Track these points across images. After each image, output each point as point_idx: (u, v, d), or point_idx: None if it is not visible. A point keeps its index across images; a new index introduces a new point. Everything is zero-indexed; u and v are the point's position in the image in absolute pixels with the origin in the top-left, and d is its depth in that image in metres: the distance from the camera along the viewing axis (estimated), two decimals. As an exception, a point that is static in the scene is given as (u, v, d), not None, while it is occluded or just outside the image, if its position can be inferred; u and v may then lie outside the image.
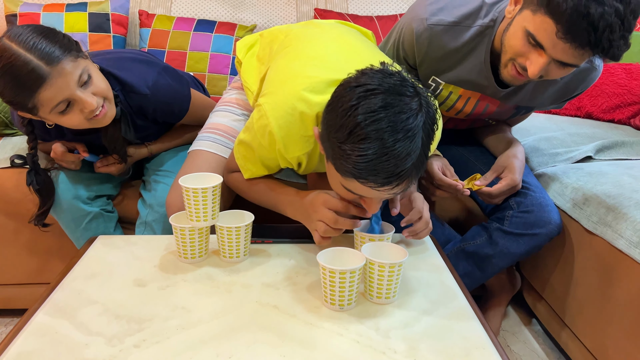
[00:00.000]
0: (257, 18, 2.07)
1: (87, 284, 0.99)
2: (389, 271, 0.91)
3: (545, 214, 1.30)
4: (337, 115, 0.85)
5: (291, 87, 1.04)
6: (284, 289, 0.98)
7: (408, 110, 0.82)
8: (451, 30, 1.23)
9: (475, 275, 1.38)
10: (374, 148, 0.81)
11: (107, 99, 1.19)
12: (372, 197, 0.92)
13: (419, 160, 0.85)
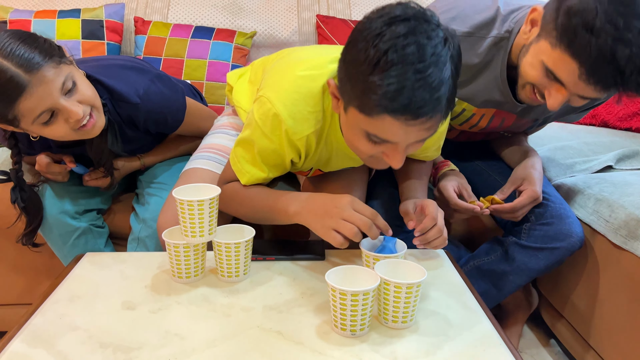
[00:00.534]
0: (257, 25, 2.00)
1: (71, 307, 0.89)
2: (407, 292, 0.81)
3: (566, 225, 1.20)
4: (361, 49, 0.79)
5: (290, 71, 1.01)
6: (288, 313, 0.88)
7: (435, 37, 0.78)
8: (465, 41, 1.13)
9: (491, 294, 1.29)
10: (406, 74, 0.76)
11: (95, 107, 1.10)
12: (399, 140, 0.84)
13: (451, 93, 0.81)
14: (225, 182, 1.11)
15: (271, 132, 0.99)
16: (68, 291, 0.94)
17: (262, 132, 1.00)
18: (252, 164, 1.06)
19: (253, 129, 1.01)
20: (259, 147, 1.02)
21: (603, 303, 1.23)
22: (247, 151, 1.05)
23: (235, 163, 1.07)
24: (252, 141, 1.03)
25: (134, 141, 1.28)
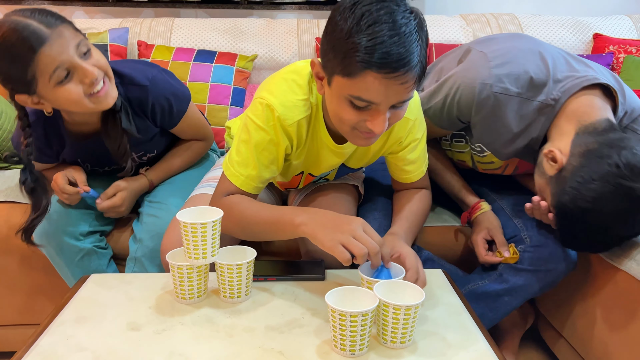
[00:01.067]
0: (258, 48, 2.04)
1: (77, 328, 0.91)
2: (405, 314, 0.83)
3: (559, 248, 1.22)
4: (338, 21, 0.88)
5: (277, 75, 1.10)
6: (289, 333, 0.90)
7: (403, 5, 0.88)
8: (513, 100, 1.17)
9: (486, 316, 1.30)
10: (381, 31, 0.85)
11: (108, 76, 1.16)
12: (381, 100, 0.90)
13: (422, 55, 0.89)
14: (221, 194, 1.11)
15: (265, 123, 1.05)
16: (74, 312, 0.96)
17: (256, 126, 1.06)
18: (244, 165, 1.08)
19: (248, 127, 1.07)
20: (255, 141, 1.06)
21: (600, 322, 1.25)
22: (239, 153, 1.08)
23: (227, 168, 1.10)
24: (245, 141, 1.07)
25: (142, 132, 1.30)
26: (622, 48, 2.07)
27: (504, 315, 1.31)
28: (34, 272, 1.45)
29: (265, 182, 1.12)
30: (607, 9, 2.44)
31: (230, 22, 2.10)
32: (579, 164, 1.07)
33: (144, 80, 1.25)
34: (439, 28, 2.13)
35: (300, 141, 1.11)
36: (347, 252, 0.91)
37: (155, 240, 1.29)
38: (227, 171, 1.10)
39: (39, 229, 1.27)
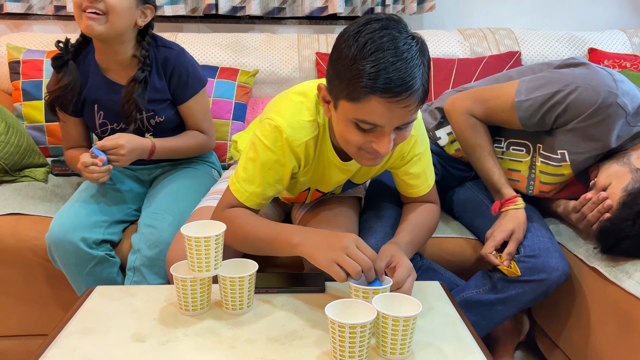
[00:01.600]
0: (259, 63, 2.08)
1: (83, 340, 0.94)
2: (404, 325, 0.86)
3: (552, 259, 1.24)
4: (343, 48, 0.93)
5: (284, 95, 1.14)
6: (289, 344, 0.93)
7: (405, 32, 0.93)
8: (623, 119, 1.22)
9: (480, 325, 1.32)
10: (384, 57, 0.89)
11: (107, 17, 1.33)
12: (385, 123, 0.94)
13: (424, 78, 0.93)
14: (224, 207, 1.14)
15: (273, 144, 1.08)
16: (80, 324, 0.99)
17: (264, 146, 1.08)
18: (249, 182, 1.11)
19: (256, 146, 1.10)
20: (262, 160, 1.09)
21: (594, 333, 1.27)
22: (245, 170, 1.11)
23: (233, 183, 1.13)
24: (252, 159, 1.10)
25: (155, 92, 1.45)
26: (616, 62, 2.10)
27: (498, 323, 1.33)
28: (41, 283, 1.47)
29: (268, 199, 1.15)
30: (602, 24, 2.48)
31: (232, 37, 2.14)
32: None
33: (175, 46, 1.48)
34: (437, 43, 2.17)
35: (308, 160, 1.14)
36: (342, 272, 0.94)
37: (152, 249, 1.33)
38: (233, 186, 1.13)
39: (55, 236, 1.32)
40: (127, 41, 1.42)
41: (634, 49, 2.24)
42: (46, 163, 1.77)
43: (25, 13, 2.22)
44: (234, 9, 2.24)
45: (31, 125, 1.88)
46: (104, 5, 1.32)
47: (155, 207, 1.42)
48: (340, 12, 2.25)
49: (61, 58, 1.44)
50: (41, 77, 1.88)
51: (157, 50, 1.45)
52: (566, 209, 1.37)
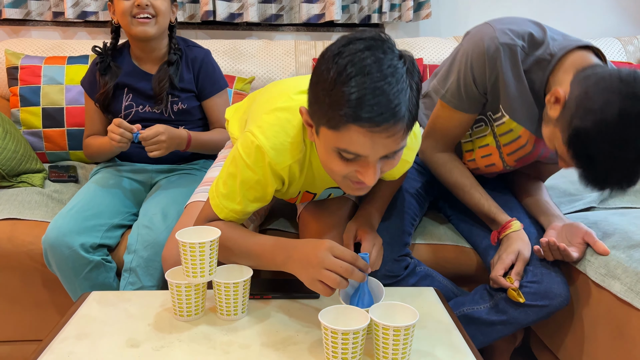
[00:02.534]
0: (256, 69, 2.09)
1: (78, 346, 0.94)
2: (405, 334, 0.86)
3: (555, 284, 1.23)
4: (324, 70, 0.85)
5: (268, 107, 1.06)
6: (284, 350, 0.93)
7: (390, 52, 0.85)
8: (518, 53, 1.21)
9: (477, 339, 1.31)
10: (365, 82, 0.81)
11: (157, 19, 1.50)
12: (368, 153, 0.87)
13: (411, 104, 0.85)
14: (204, 220, 1.12)
15: (254, 164, 1.02)
16: (75, 329, 0.99)
17: (245, 164, 1.03)
18: (229, 198, 1.07)
19: (237, 162, 1.04)
20: (242, 178, 1.04)
21: (588, 339, 1.27)
22: (225, 185, 1.07)
23: (213, 198, 1.09)
24: (233, 175, 1.05)
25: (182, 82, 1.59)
26: (611, 70, 2.12)
27: (495, 340, 1.33)
28: (36, 288, 1.48)
29: (249, 214, 1.12)
30: (597, 32, 2.49)
31: (229, 43, 2.15)
32: (581, 90, 1.07)
33: (204, 48, 1.66)
34: (433, 50, 2.18)
35: (293, 179, 1.10)
36: (326, 287, 0.93)
37: (149, 250, 1.34)
38: (212, 201, 1.09)
39: (51, 240, 1.33)
40: (165, 37, 1.60)
41: (628, 57, 2.26)
42: (43, 169, 1.77)
43: (24, 19, 2.23)
44: (232, 15, 2.25)
45: (28, 131, 1.89)
46: (153, 9, 1.49)
47: (153, 208, 1.44)
48: (337, 19, 2.26)
49: (103, 62, 1.59)
50: (39, 83, 1.89)
51: (187, 48, 1.63)
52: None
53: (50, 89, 1.89)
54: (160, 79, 1.56)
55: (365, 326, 0.85)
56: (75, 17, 2.18)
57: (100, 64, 1.59)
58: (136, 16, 1.47)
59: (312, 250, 0.96)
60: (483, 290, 1.34)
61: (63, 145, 1.90)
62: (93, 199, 1.46)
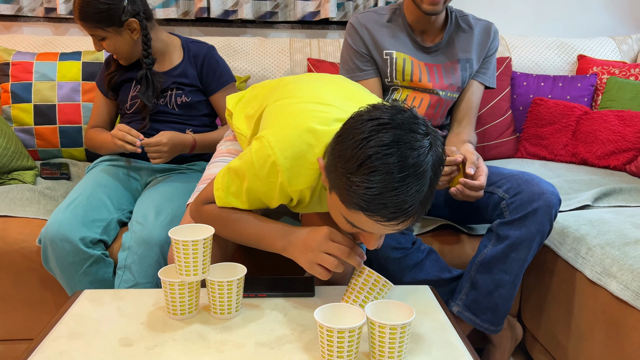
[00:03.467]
0: (251, 67, 2.08)
1: (70, 344, 0.93)
2: (401, 332, 0.85)
3: (535, 186, 1.28)
4: (348, 147, 0.84)
5: (296, 121, 1.01)
6: (279, 349, 0.92)
7: (419, 147, 0.82)
8: (373, 13, 1.58)
9: (505, 281, 1.31)
10: (384, 182, 0.80)
11: (118, 56, 1.58)
12: (374, 232, 0.90)
13: (426, 198, 0.85)
14: (205, 201, 1.11)
15: (266, 178, 1.00)
16: (67, 328, 0.98)
17: (255, 174, 1.01)
18: (235, 196, 1.07)
19: (248, 167, 1.02)
20: (250, 185, 1.03)
21: (583, 338, 1.27)
22: (234, 183, 1.06)
23: (218, 189, 1.08)
24: (243, 176, 1.04)
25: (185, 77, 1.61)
26: (605, 69, 2.12)
27: (519, 273, 1.31)
28: (28, 287, 1.46)
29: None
30: (591, 31, 2.50)
31: (224, 40, 2.13)
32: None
33: (207, 44, 1.68)
34: (428, 48, 2.17)
35: (303, 202, 1.08)
36: (323, 270, 0.97)
37: (142, 247, 1.33)
38: (217, 192, 1.08)
39: (52, 234, 1.31)
40: (138, 53, 1.58)
41: (622, 56, 2.27)
42: (35, 166, 1.76)
43: (15, 15, 2.21)
44: (226, 12, 2.24)
45: (20, 128, 1.87)
46: (107, 50, 1.55)
47: (147, 205, 1.43)
48: (332, 17, 2.25)
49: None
50: (31, 80, 1.87)
51: (190, 44, 1.65)
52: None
53: (42, 85, 1.87)
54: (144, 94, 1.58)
55: (361, 324, 0.84)
56: (67, 13, 2.15)
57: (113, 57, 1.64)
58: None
59: (311, 236, 0.98)
60: (485, 236, 1.37)
61: (55, 143, 1.89)
62: (93, 193, 1.44)
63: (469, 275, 1.36)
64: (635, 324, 1.10)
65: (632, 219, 1.34)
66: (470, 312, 1.35)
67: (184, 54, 1.63)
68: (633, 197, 1.59)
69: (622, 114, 1.92)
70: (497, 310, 1.33)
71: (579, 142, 1.97)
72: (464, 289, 1.36)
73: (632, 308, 1.11)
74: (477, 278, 1.33)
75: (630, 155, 1.87)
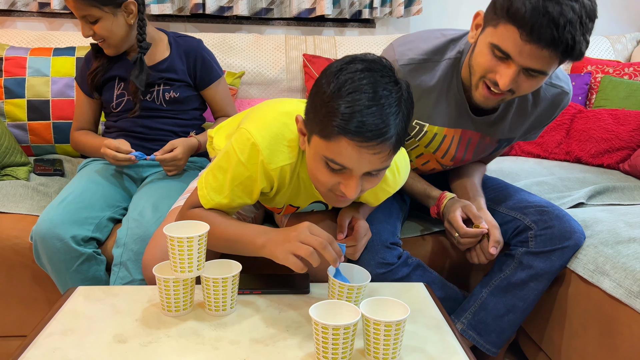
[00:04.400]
0: (246, 63, 2.07)
1: (63, 341, 0.92)
2: (395, 330, 0.86)
3: (566, 224, 1.28)
4: (324, 83, 0.91)
5: (271, 108, 1.10)
6: (273, 346, 0.92)
7: (387, 77, 0.90)
8: (422, 67, 1.26)
9: (518, 307, 1.32)
10: (360, 100, 0.86)
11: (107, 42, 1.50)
12: (354, 166, 0.91)
13: (401, 129, 0.90)
14: (191, 206, 1.14)
15: (248, 161, 1.04)
16: (61, 324, 0.97)
17: (238, 160, 1.05)
18: (217, 191, 1.09)
19: (229, 157, 1.06)
20: (233, 174, 1.06)
21: (576, 335, 1.28)
22: (215, 178, 1.09)
23: (201, 189, 1.11)
24: (224, 169, 1.07)
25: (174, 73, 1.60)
26: (599, 68, 2.13)
27: (534, 302, 1.32)
28: (22, 283, 1.45)
29: (235, 209, 1.14)
30: (586, 30, 2.51)
31: (219, 37, 2.13)
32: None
33: (195, 38, 1.65)
34: (424, 46, 2.17)
35: (282, 185, 1.11)
36: (297, 260, 0.95)
37: (138, 243, 1.32)
38: (200, 192, 1.11)
39: (42, 232, 1.30)
40: (132, 38, 1.55)
41: (616, 55, 2.28)
42: (28, 162, 1.74)
43: (9, 9, 2.19)
44: (221, 9, 2.23)
45: (13, 124, 1.86)
46: (97, 36, 1.48)
47: (144, 202, 1.42)
48: (328, 14, 2.25)
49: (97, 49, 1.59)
50: (24, 75, 1.86)
51: (179, 38, 1.63)
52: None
53: (35, 80, 1.86)
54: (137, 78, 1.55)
55: (356, 322, 0.84)
56: (61, 9, 2.14)
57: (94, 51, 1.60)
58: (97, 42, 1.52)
59: (292, 229, 0.99)
60: (501, 258, 1.36)
61: (49, 139, 1.88)
62: (85, 191, 1.43)
63: (479, 296, 1.35)
64: (628, 321, 1.11)
65: (625, 218, 1.35)
66: (475, 332, 1.35)
67: (172, 49, 1.61)
68: (626, 196, 1.60)
69: (616, 112, 1.93)
70: (502, 333, 1.34)
71: (573, 141, 1.98)
72: (470, 307, 1.36)
73: (625, 306, 1.11)
74: (489, 300, 1.33)
75: (624, 153, 1.88)
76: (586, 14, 1.03)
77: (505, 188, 1.49)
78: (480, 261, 1.30)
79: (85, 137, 1.62)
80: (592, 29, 1.06)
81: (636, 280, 1.10)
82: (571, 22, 1.01)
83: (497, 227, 1.29)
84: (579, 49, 1.05)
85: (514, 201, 1.40)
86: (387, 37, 2.24)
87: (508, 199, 1.43)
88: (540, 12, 1.01)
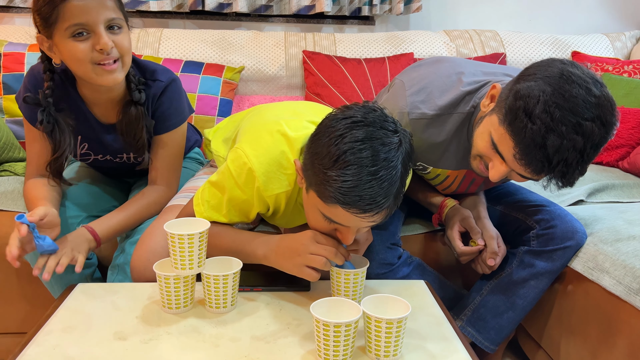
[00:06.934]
0: (246, 60, 2.07)
1: (64, 338, 0.92)
2: (397, 327, 0.85)
3: (569, 224, 1.28)
4: (324, 145, 0.89)
5: (268, 127, 1.08)
6: (274, 343, 0.92)
7: (389, 143, 0.88)
8: (433, 122, 1.21)
9: (518, 305, 1.32)
10: (359, 174, 0.86)
11: (123, 62, 1.17)
12: (351, 225, 0.94)
13: (398, 191, 0.91)
14: (187, 216, 1.13)
15: (244, 185, 1.06)
16: (61, 322, 0.97)
17: (235, 183, 1.06)
18: (215, 209, 1.10)
19: (226, 178, 1.07)
20: (230, 195, 1.08)
21: (576, 333, 1.28)
22: (213, 196, 1.10)
23: (198, 204, 1.11)
24: (222, 188, 1.08)
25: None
26: (599, 66, 2.13)
27: (534, 301, 1.32)
28: (21, 281, 1.45)
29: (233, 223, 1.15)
30: (585, 28, 2.51)
31: (218, 33, 2.12)
32: (511, 83, 1.06)
33: (165, 78, 1.28)
34: (424, 44, 2.18)
35: (278, 210, 1.13)
36: (312, 270, 1.00)
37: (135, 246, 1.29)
38: (197, 207, 1.11)
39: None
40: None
41: (615, 53, 2.28)
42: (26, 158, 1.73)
43: (7, 6, 2.19)
44: (221, 5, 2.22)
45: (11, 120, 1.85)
46: (117, 50, 1.15)
47: None
48: (327, 11, 2.25)
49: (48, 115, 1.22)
50: (22, 71, 1.85)
51: (148, 86, 1.28)
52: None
53: (34, 77, 1.84)
54: (135, 126, 1.27)
55: (357, 319, 0.84)
56: (60, 5, 2.13)
57: (45, 120, 1.21)
58: (100, 63, 1.13)
59: (296, 241, 1.01)
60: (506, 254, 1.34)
61: (47, 135, 1.86)
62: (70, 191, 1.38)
63: (479, 293, 1.35)
64: (627, 318, 1.11)
65: (624, 215, 1.35)
66: (474, 328, 1.34)
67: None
68: (625, 193, 1.60)
69: (615, 110, 1.93)
70: (501, 331, 1.33)
71: (572, 139, 1.98)
72: (470, 304, 1.36)
73: (625, 303, 1.12)
74: (489, 298, 1.33)
75: (623, 151, 1.88)
76: (592, 144, 0.97)
77: (506, 186, 1.49)
78: (483, 271, 1.31)
79: (31, 194, 1.26)
80: (598, 153, 1.00)
81: (636, 277, 1.10)
82: (566, 160, 0.97)
83: (494, 237, 1.28)
84: (570, 180, 1.02)
85: (515, 200, 1.40)
86: (386, 35, 2.24)
87: (509, 197, 1.43)
88: (538, 144, 0.96)
